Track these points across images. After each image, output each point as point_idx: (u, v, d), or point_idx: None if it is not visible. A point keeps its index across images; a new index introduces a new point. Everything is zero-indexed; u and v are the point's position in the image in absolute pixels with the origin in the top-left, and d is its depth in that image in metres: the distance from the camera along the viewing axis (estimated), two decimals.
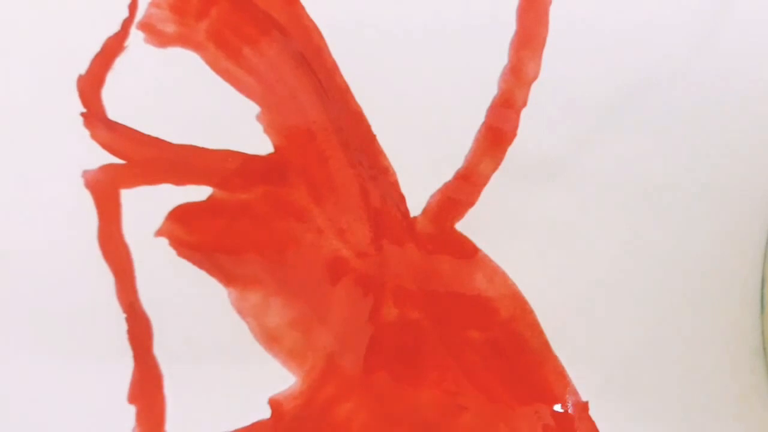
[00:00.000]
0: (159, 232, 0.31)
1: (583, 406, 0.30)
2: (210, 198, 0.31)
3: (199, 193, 0.31)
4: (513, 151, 0.30)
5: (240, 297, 0.30)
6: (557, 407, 0.30)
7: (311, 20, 0.31)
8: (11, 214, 0.31)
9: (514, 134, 0.30)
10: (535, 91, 0.30)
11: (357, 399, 0.30)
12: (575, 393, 0.30)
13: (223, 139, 0.31)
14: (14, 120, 0.31)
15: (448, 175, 0.30)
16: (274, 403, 0.30)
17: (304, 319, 0.30)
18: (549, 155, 0.30)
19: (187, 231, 0.31)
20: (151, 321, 0.30)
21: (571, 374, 0.30)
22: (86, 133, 0.31)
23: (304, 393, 0.30)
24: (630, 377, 0.30)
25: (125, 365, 0.30)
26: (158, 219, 0.31)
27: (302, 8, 0.31)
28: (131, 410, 0.30)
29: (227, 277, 0.30)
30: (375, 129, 0.31)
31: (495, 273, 0.30)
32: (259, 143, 0.31)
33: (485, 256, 0.30)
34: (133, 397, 0.30)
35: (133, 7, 0.31)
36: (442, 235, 0.30)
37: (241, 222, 0.31)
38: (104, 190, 0.31)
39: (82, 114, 0.31)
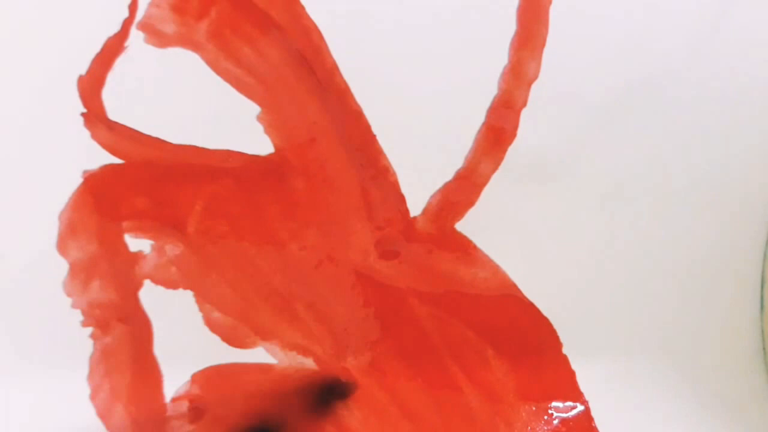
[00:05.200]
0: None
1: (583, 405, 0.30)
2: (210, 198, 0.31)
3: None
4: (513, 151, 0.30)
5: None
6: (558, 405, 0.30)
7: (311, 20, 0.31)
8: (11, 214, 0.31)
9: (514, 134, 0.30)
10: (535, 91, 0.30)
11: (357, 398, 0.30)
12: (576, 391, 0.30)
13: (223, 139, 0.31)
14: (14, 120, 0.31)
15: (448, 175, 0.30)
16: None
17: (305, 318, 0.30)
18: (549, 155, 0.30)
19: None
20: (151, 321, 0.30)
21: None
22: (86, 133, 0.31)
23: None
24: (630, 377, 0.30)
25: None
26: None
27: (302, 8, 0.31)
28: (132, 410, 0.30)
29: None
30: (375, 129, 0.31)
31: (495, 272, 0.30)
32: (259, 143, 0.31)
33: (485, 255, 0.30)
34: (135, 398, 0.30)
35: (133, 7, 0.31)
36: (442, 235, 0.30)
37: (241, 222, 0.31)
38: (104, 190, 0.31)
39: (82, 114, 0.31)
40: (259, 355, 0.30)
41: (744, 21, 0.30)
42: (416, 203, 0.31)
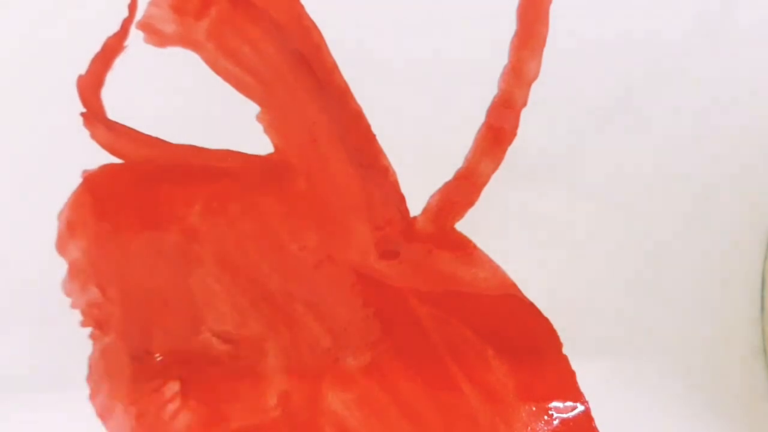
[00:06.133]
0: None
1: (583, 405, 0.30)
2: (209, 198, 0.31)
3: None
4: (513, 151, 0.30)
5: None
6: (558, 405, 0.30)
7: (311, 20, 0.31)
8: (11, 214, 0.31)
9: (514, 134, 0.30)
10: (535, 91, 0.30)
11: (357, 397, 0.30)
12: (576, 391, 0.30)
13: (223, 139, 0.31)
14: (14, 120, 0.31)
15: (448, 175, 0.30)
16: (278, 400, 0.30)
17: (305, 317, 0.30)
18: (549, 155, 0.30)
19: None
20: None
21: None
22: (86, 133, 0.31)
23: (305, 391, 0.30)
24: (630, 376, 0.30)
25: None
26: None
27: (302, 8, 0.31)
28: (131, 410, 0.30)
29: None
30: (375, 129, 0.31)
31: (495, 272, 0.30)
32: (259, 143, 0.31)
33: (485, 255, 0.30)
34: (134, 398, 0.30)
35: (132, 7, 0.31)
36: (442, 235, 0.30)
37: (240, 222, 0.31)
38: (104, 190, 0.31)
39: (82, 114, 0.31)
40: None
41: (744, 21, 0.30)
42: (416, 203, 0.31)
